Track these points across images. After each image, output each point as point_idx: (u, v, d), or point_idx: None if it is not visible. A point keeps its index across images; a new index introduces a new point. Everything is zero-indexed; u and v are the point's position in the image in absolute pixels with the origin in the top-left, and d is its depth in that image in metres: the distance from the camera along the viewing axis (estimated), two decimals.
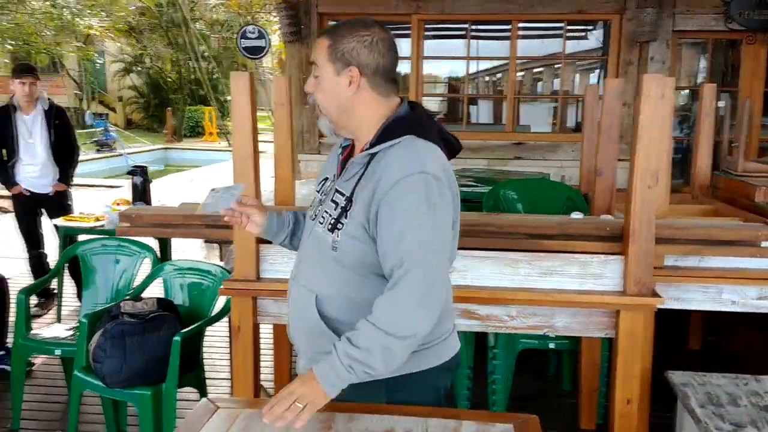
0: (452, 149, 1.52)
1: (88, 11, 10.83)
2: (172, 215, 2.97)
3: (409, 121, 1.45)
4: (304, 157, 6.31)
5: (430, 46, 6.37)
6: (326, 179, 1.61)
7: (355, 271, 1.45)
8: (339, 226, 1.44)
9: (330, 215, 1.47)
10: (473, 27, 6.27)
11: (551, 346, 3.03)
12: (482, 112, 8.37)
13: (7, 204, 7.01)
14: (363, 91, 1.45)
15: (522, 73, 8.52)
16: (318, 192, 1.62)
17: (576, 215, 2.96)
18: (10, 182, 4.35)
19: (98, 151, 15.65)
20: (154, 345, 2.60)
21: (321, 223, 1.50)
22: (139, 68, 23.93)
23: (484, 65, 8.35)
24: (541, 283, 2.47)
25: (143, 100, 24.14)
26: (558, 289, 2.46)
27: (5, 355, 3.51)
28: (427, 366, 1.50)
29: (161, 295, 2.95)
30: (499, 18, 6.12)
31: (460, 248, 1.60)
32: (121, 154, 15.20)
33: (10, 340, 3.38)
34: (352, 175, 1.46)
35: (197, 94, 22.32)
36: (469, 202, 3.73)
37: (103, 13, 13.49)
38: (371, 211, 1.39)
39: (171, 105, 21.63)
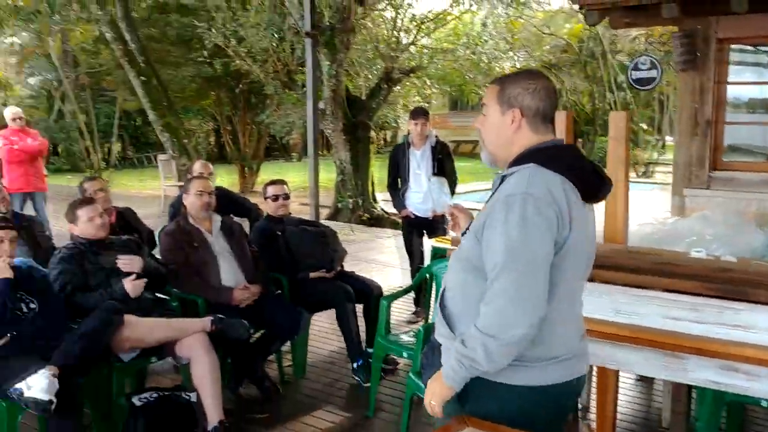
0: (587, 184, 1.66)
1: (504, 54, 11.83)
2: None
3: (536, 153, 1.66)
4: (690, 192, 5.80)
5: None
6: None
7: (466, 270, 1.70)
8: (466, 231, 1.77)
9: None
10: None
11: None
12: None
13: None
14: (522, 129, 1.70)
15: None
16: None
17: None
18: (400, 206, 5.18)
19: None
20: None
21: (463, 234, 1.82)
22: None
23: None
24: None
25: None
26: None
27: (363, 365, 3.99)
28: (512, 381, 1.65)
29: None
30: None
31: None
32: None
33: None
34: (491, 193, 1.73)
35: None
36: None
37: (520, 55, 14.62)
38: (483, 221, 1.64)
39: (582, 136, 21.96)
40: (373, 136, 12.78)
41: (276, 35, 10.78)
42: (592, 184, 1.69)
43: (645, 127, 21.32)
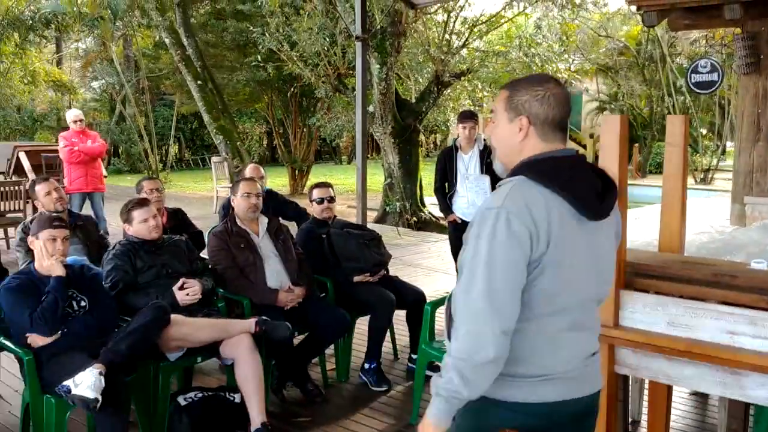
0: (584, 200, 1.56)
1: (558, 56, 11.62)
2: None
3: (529, 165, 1.59)
4: (750, 200, 5.55)
5: None
6: None
7: None
8: None
9: None
10: None
11: None
12: None
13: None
14: (531, 138, 1.62)
15: None
16: None
17: None
18: (447, 211, 5.12)
19: None
20: None
21: None
22: (613, 106, 24.39)
23: None
24: None
25: None
26: None
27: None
28: (497, 396, 1.59)
29: None
30: None
31: None
32: None
33: None
34: None
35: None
36: None
37: (575, 57, 14.36)
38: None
39: (639, 141, 21.39)
40: (422, 139, 12.72)
41: (327, 39, 10.86)
42: (589, 201, 1.58)
43: (704, 132, 20.65)
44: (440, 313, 4.85)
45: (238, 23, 14.07)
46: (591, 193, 1.58)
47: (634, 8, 6.59)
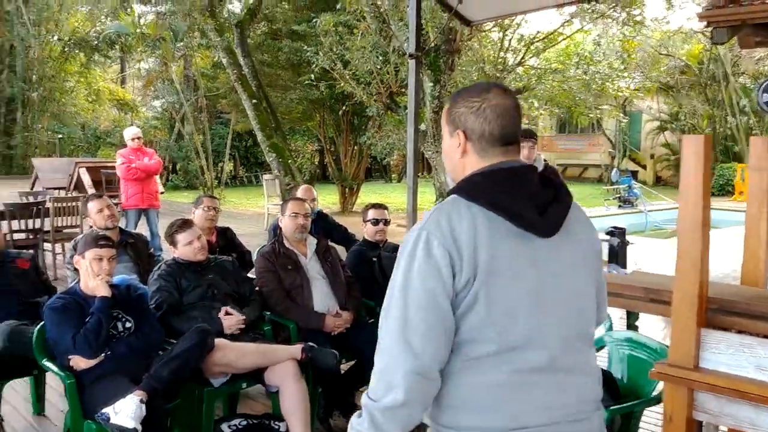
0: (520, 216, 1.35)
1: (619, 74, 11.27)
2: (627, 284, 2.86)
3: (462, 182, 1.43)
4: None
5: None
6: None
7: None
8: None
9: None
10: None
11: None
12: None
13: None
14: (469, 154, 1.46)
15: None
16: None
17: None
18: None
19: (620, 207, 16.04)
20: None
21: None
22: (674, 126, 23.63)
23: None
24: None
25: (674, 158, 23.68)
26: None
27: None
28: None
29: (604, 366, 2.84)
30: None
31: None
32: (641, 211, 15.23)
33: None
34: None
35: (732, 151, 20.69)
36: None
37: (636, 76, 13.93)
38: None
39: None
40: None
41: (380, 57, 10.83)
42: (526, 214, 1.35)
43: None
44: None
45: (293, 43, 14.22)
46: (527, 204, 1.36)
47: (695, 27, 6.30)
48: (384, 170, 26.14)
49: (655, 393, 2.66)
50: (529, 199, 1.37)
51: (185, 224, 3.58)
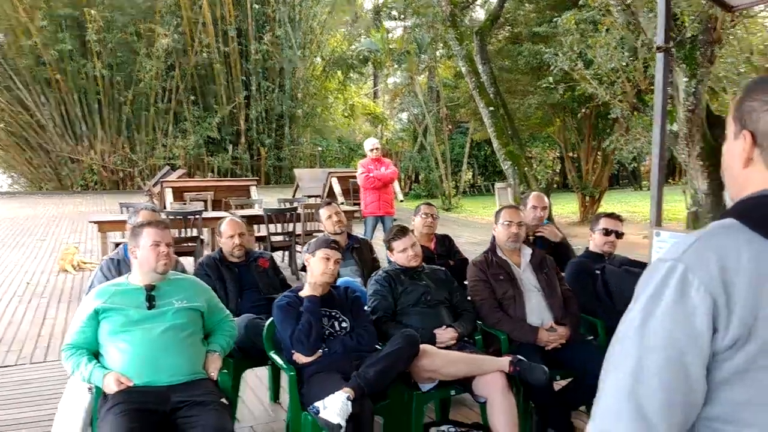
0: None
1: None
2: None
3: (746, 202, 1.05)
4: None
5: None
6: None
7: None
8: None
9: None
10: None
11: None
12: None
13: None
14: (755, 164, 1.08)
15: None
16: None
17: None
18: None
19: None
20: None
21: None
22: None
23: None
24: None
25: None
26: None
27: None
28: None
29: None
30: None
31: None
32: None
33: None
34: None
35: None
36: None
37: None
38: None
39: None
40: None
41: (627, 53, 10.09)
42: None
43: None
44: None
45: (534, 45, 13.97)
46: None
47: None
48: (633, 176, 24.40)
49: None
50: None
51: (401, 232, 3.67)
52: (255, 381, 4.30)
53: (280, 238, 8.18)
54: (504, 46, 15.86)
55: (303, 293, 3.20)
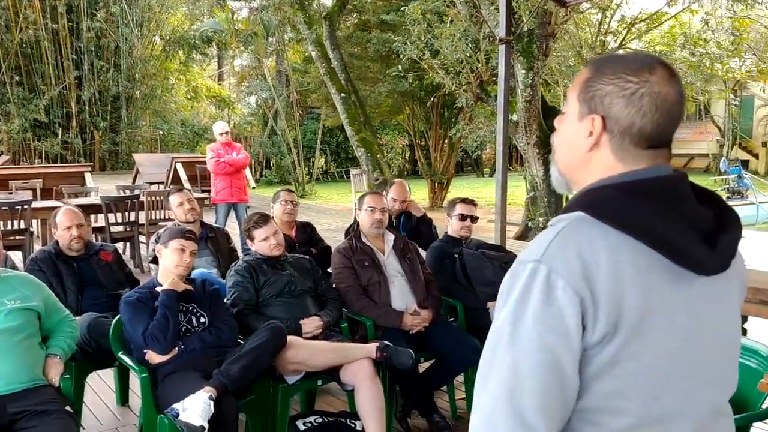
0: (685, 249, 0.98)
1: (729, 54, 10.42)
2: None
3: (593, 194, 1.04)
4: None
5: None
6: None
7: None
8: None
9: None
10: None
11: None
12: None
13: None
14: (602, 150, 1.06)
15: None
16: None
17: None
18: None
19: (728, 198, 14.99)
20: None
21: None
22: None
23: None
24: None
25: None
26: None
27: None
28: None
29: None
30: None
31: None
32: (752, 203, 14.13)
33: None
34: None
35: None
36: None
37: (746, 57, 12.86)
38: None
39: None
40: None
41: (470, 45, 10.52)
42: (692, 247, 0.99)
43: None
44: None
45: (382, 33, 14.16)
46: (690, 235, 1.00)
47: None
48: (476, 164, 25.72)
49: (765, 405, 2.32)
50: (690, 225, 1.01)
51: (263, 219, 3.51)
52: (100, 384, 3.94)
53: (120, 228, 7.59)
54: (353, 32, 15.95)
55: (160, 288, 2.95)
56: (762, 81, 19.73)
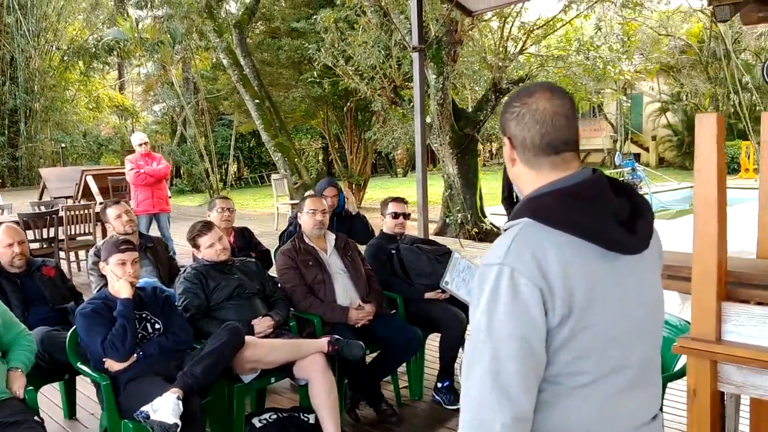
0: (610, 238, 1.24)
1: (619, 57, 11.27)
2: None
3: (530, 202, 1.29)
4: None
5: None
6: None
7: None
8: None
9: None
10: None
11: None
12: None
13: None
14: (519, 164, 1.35)
15: None
16: None
17: None
18: None
19: None
20: None
21: None
22: (675, 106, 23.62)
23: None
24: None
25: (677, 138, 23.69)
26: None
27: None
28: None
29: None
30: None
31: None
32: (646, 193, 15.26)
33: None
34: None
35: (735, 129, 20.70)
36: None
37: (636, 57, 13.91)
38: None
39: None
40: (479, 148, 12.49)
41: (382, 52, 10.84)
42: (615, 236, 1.26)
43: None
44: None
45: (293, 41, 14.26)
46: (613, 224, 1.25)
47: (695, 5, 6.28)
48: (389, 165, 26.19)
49: (677, 368, 2.71)
50: (613, 215, 1.26)
51: (206, 227, 3.64)
52: (43, 399, 3.91)
53: (37, 246, 7.37)
54: (263, 39, 15.93)
55: (116, 296, 3.04)
56: (650, 79, 21.33)
